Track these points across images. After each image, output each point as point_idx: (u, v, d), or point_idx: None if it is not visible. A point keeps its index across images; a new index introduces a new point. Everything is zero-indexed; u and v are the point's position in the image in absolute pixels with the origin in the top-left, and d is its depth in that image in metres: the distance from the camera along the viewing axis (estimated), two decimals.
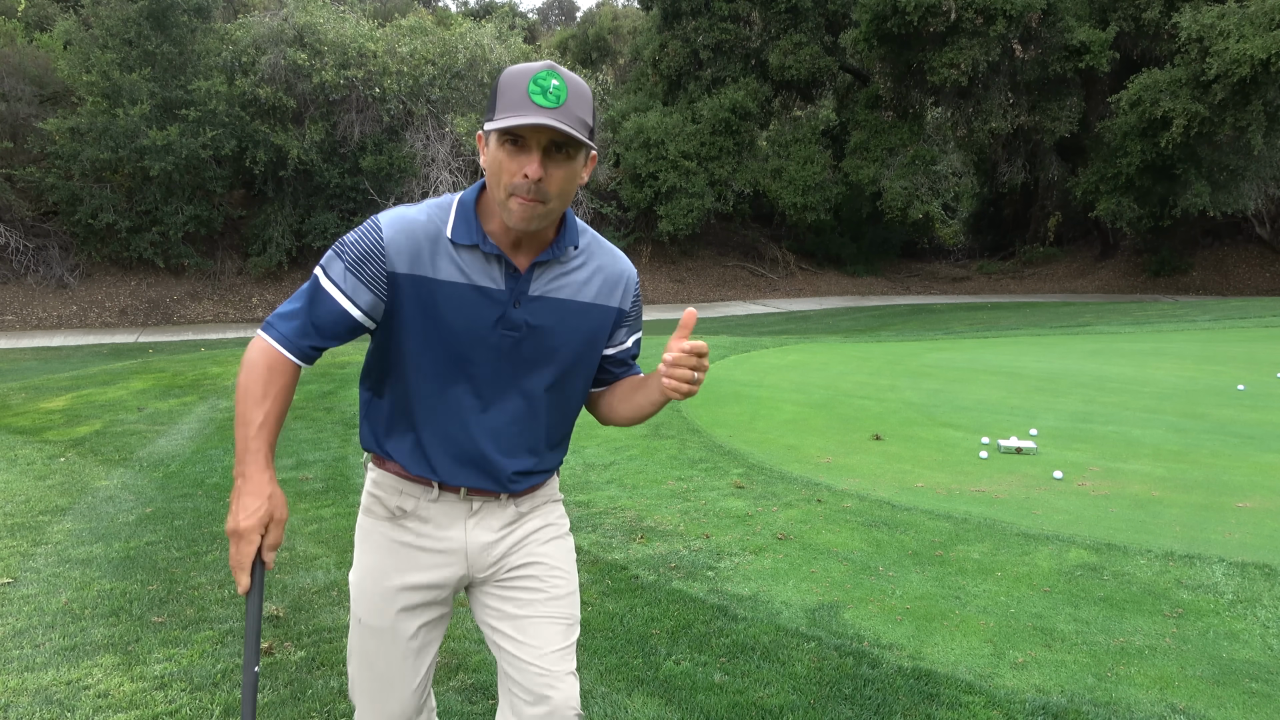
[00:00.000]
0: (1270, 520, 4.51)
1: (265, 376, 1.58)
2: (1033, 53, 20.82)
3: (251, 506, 1.53)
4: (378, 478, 1.76)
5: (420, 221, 1.60)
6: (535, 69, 1.48)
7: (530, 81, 1.46)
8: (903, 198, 21.99)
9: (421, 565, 1.72)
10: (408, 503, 1.73)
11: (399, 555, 1.73)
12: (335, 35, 19.07)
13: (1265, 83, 17.77)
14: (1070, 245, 28.00)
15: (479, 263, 1.60)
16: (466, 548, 1.73)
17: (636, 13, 29.98)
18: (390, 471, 1.73)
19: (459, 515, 1.73)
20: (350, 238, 1.61)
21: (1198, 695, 2.85)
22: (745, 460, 5.77)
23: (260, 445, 1.56)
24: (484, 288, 1.61)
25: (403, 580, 1.72)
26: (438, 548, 1.73)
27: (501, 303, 1.62)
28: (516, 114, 1.45)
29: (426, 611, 1.75)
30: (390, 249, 1.58)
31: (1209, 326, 13.42)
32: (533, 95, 1.46)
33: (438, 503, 1.72)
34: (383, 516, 1.74)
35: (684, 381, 1.51)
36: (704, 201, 22.47)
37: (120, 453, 6.23)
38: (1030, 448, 5.88)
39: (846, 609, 3.53)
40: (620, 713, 2.76)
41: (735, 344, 11.80)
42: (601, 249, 1.73)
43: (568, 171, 1.52)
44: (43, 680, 2.97)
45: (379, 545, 1.74)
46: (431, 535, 1.72)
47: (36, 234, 18.14)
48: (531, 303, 1.63)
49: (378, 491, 1.75)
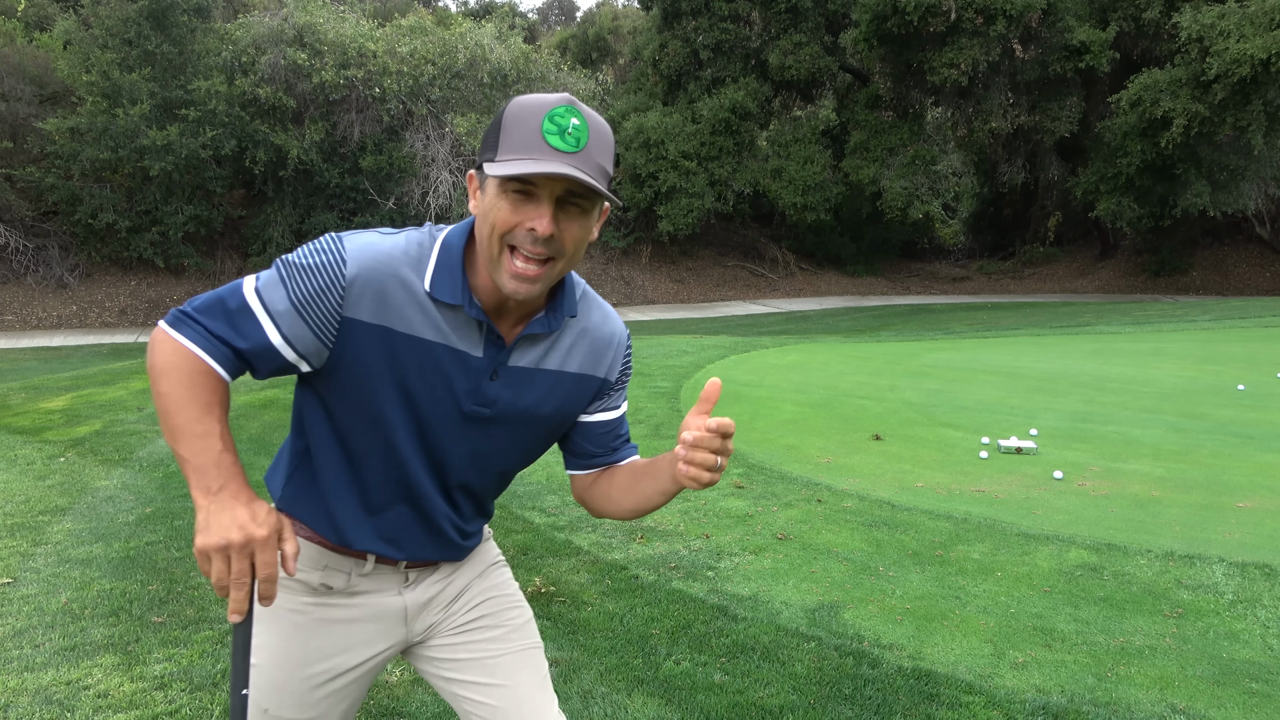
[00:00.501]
0: (1270, 520, 4.51)
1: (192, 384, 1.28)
2: (1033, 53, 20.82)
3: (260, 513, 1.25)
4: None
5: (395, 260, 1.31)
6: (551, 103, 1.23)
7: (545, 119, 1.22)
8: (903, 198, 21.99)
9: (354, 643, 1.49)
10: (335, 579, 1.46)
11: (325, 636, 1.47)
12: (335, 35, 19.07)
13: (1265, 83, 17.77)
14: (1070, 245, 28.00)
15: (459, 323, 1.34)
16: (405, 611, 1.52)
17: (636, 13, 29.99)
18: (313, 541, 1.45)
19: (394, 583, 1.51)
20: (303, 262, 1.29)
21: (1198, 695, 2.85)
22: (745, 460, 5.76)
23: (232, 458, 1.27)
24: (461, 352, 1.35)
25: (329, 665, 1.47)
26: (372, 617, 1.49)
27: (477, 373, 1.37)
28: (528, 156, 1.20)
29: (358, 686, 1.52)
30: (353, 290, 1.28)
31: (1209, 326, 13.42)
32: (548, 136, 1.21)
33: (368, 576, 1.48)
34: (299, 592, 1.46)
35: (706, 469, 1.22)
36: (704, 201, 22.47)
37: (120, 453, 6.23)
38: (1030, 448, 5.88)
39: (846, 609, 3.53)
40: (620, 713, 2.76)
41: (735, 344, 11.80)
42: (590, 306, 1.48)
43: (581, 226, 1.28)
44: (43, 680, 2.97)
45: (296, 627, 1.46)
46: (364, 605, 1.49)
47: (36, 234, 18.14)
48: (510, 374, 1.39)
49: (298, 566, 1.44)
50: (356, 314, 1.30)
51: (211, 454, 1.26)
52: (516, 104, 1.25)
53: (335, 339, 1.31)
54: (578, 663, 3.07)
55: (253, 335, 1.30)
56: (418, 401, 1.36)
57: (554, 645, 3.21)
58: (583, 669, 3.03)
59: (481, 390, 1.37)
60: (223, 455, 1.26)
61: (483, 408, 1.38)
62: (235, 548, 1.21)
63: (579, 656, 3.12)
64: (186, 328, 1.30)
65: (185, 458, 1.26)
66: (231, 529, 1.21)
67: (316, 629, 1.46)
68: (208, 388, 1.29)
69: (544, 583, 3.76)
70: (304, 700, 1.46)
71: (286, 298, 1.28)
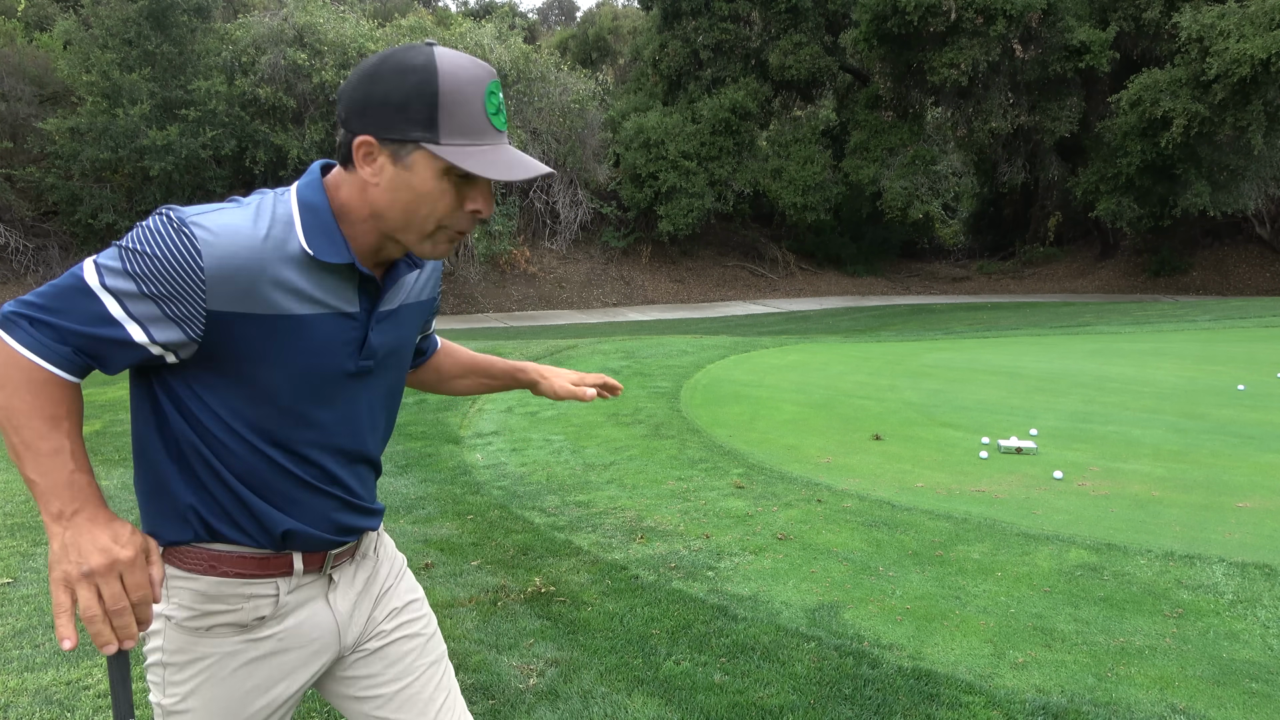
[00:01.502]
0: (1270, 520, 4.51)
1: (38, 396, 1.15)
2: (1033, 53, 20.83)
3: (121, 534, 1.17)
4: (207, 591, 1.30)
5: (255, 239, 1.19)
6: (482, 74, 1.20)
7: (487, 96, 1.20)
8: (903, 198, 22.00)
9: (291, 669, 1.38)
10: (263, 606, 1.33)
11: (261, 672, 1.35)
12: (335, 35, 19.07)
13: (1265, 83, 17.78)
14: (1070, 245, 28.01)
15: (334, 282, 1.26)
16: (337, 623, 1.43)
17: (636, 13, 30.00)
18: (228, 573, 1.30)
19: (317, 594, 1.40)
20: (150, 251, 1.15)
21: (1198, 695, 2.85)
22: (745, 460, 5.76)
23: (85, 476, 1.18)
24: (340, 314, 1.28)
25: (267, 699, 1.36)
26: (306, 639, 1.39)
27: (358, 328, 1.31)
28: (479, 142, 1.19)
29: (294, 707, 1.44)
30: (213, 284, 1.16)
31: (1209, 326, 13.42)
32: (493, 119, 1.21)
33: (295, 591, 1.37)
34: (226, 634, 1.32)
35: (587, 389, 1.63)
36: (704, 201, 22.48)
37: (120, 453, 6.23)
38: (1030, 448, 5.88)
39: (846, 609, 3.53)
40: (620, 713, 2.76)
41: (735, 344, 11.80)
42: None
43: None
44: (43, 680, 2.97)
45: (231, 672, 1.33)
46: (296, 627, 1.38)
47: (36, 234, 18.14)
48: (384, 319, 1.36)
49: (212, 607, 1.30)
50: (221, 305, 1.18)
51: (62, 474, 1.16)
52: (450, 76, 1.17)
53: (203, 332, 1.19)
54: (578, 663, 3.07)
55: (103, 329, 1.16)
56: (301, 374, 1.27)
57: (554, 645, 3.21)
58: (583, 669, 3.03)
59: (369, 344, 1.33)
60: (74, 475, 1.17)
61: (367, 360, 1.34)
62: (100, 573, 1.14)
63: (579, 656, 3.12)
64: (20, 330, 1.15)
65: (33, 480, 1.15)
66: (92, 554, 1.14)
67: (252, 668, 1.34)
68: (52, 398, 1.16)
69: (544, 583, 3.76)
70: None
71: (139, 290, 1.15)
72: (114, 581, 1.15)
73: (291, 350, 1.25)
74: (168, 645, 1.31)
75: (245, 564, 1.31)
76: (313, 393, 1.29)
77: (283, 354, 1.24)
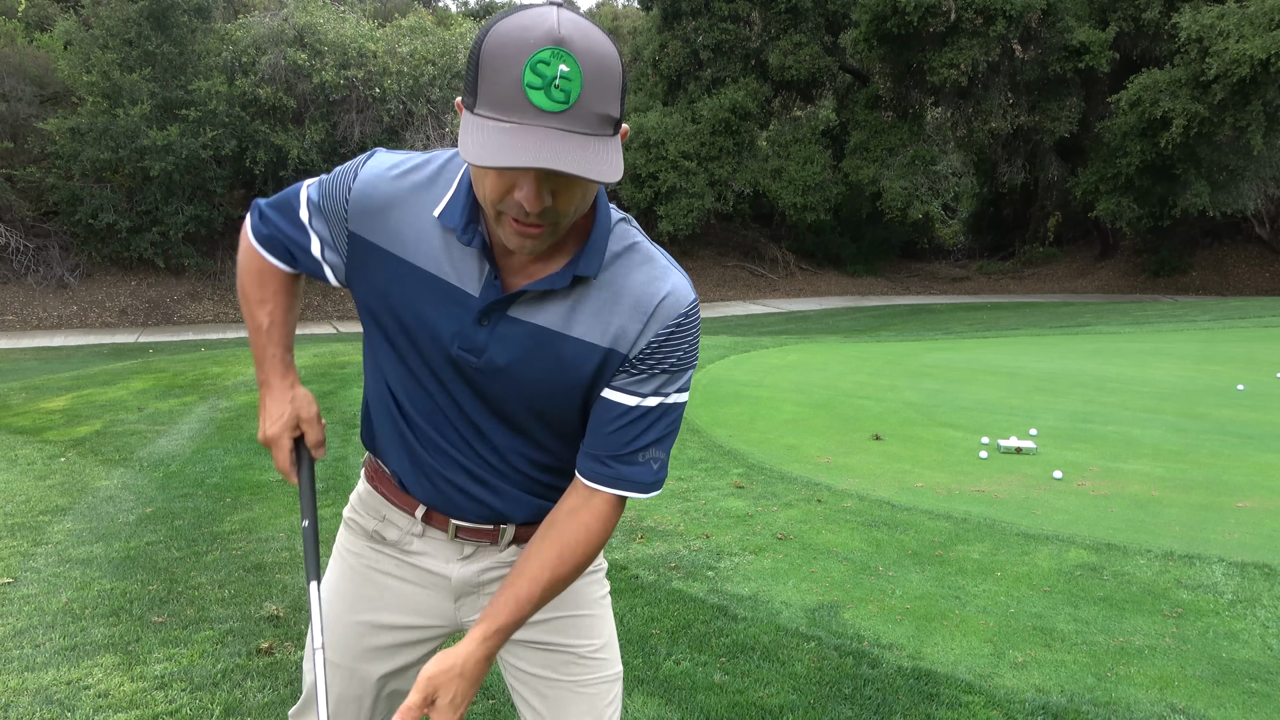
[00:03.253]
0: (1270, 520, 4.51)
1: (257, 277, 1.42)
2: (1032, 53, 20.83)
3: (275, 413, 1.44)
4: (363, 493, 1.49)
5: (406, 182, 1.24)
6: (535, 39, 0.99)
7: (527, 68, 0.99)
8: (903, 198, 22.00)
9: (399, 604, 1.45)
10: (389, 531, 1.45)
11: (373, 587, 1.46)
12: (335, 35, 19.06)
13: (1265, 83, 17.78)
14: (1070, 245, 28.00)
15: (463, 257, 1.21)
16: (452, 585, 1.44)
17: (636, 13, 29.99)
18: (378, 490, 1.45)
19: (448, 553, 1.43)
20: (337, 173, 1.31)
21: (1197, 695, 2.85)
22: (745, 460, 5.76)
23: (276, 349, 1.44)
24: (455, 288, 1.22)
25: (372, 617, 1.45)
26: (419, 582, 1.45)
27: (468, 313, 1.22)
28: (506, 118, 1.01)
29: (399, 655, 1.47)
30: (355, 202, 1.25)
31: (1208, 326, 13.42)
32: (530, 91, 1.00)
33: (423, 538, 1.43)
34: (359, 535, 1.49)
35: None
36: (704, 201, 22.48)
37: (120, 453, 6.23)
38: (1030, 448, 5.89)
39: (846, 609, 3.54)
40: (620, 713, 2.76)
41: (735, 344, 11.80)
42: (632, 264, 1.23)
43: (584, 185, 1.08)
44: (43, 680, 2.97)
45: (351, 570, 1.48)
46: (413, 567, 1.45)
47: (37, 234, 18.14)
48: (503, 323, 1.22)
49: (359, 507, 1.49)
50: (359, 229, 1.26)
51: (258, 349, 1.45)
52: (496, 37, 1.02)
53: (348, 253, 1.30)
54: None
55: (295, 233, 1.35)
56: (413, 334, 1.26)
57: None
58: None
59: (467, 334, 1.22)
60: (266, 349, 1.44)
61: (469, 354, 1.23)
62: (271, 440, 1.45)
63: None
64: (253, 218, 1.41)
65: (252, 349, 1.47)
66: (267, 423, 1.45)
67: (367, 576, 1.47)
68: (264, 284, 1.42)
69: None
70: (346, 644, 1.46)
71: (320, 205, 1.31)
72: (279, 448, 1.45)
73: (405, 300, 1.25)
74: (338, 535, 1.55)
75: (388, 486, 1.44)
76: (430, 356, 1.27)
77: (398, 300, 1.26)
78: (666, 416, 1.26)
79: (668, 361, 1.23)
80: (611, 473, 1.26)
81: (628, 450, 1.25)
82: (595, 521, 1.27)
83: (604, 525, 1.27)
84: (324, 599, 1.46)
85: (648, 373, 1.23)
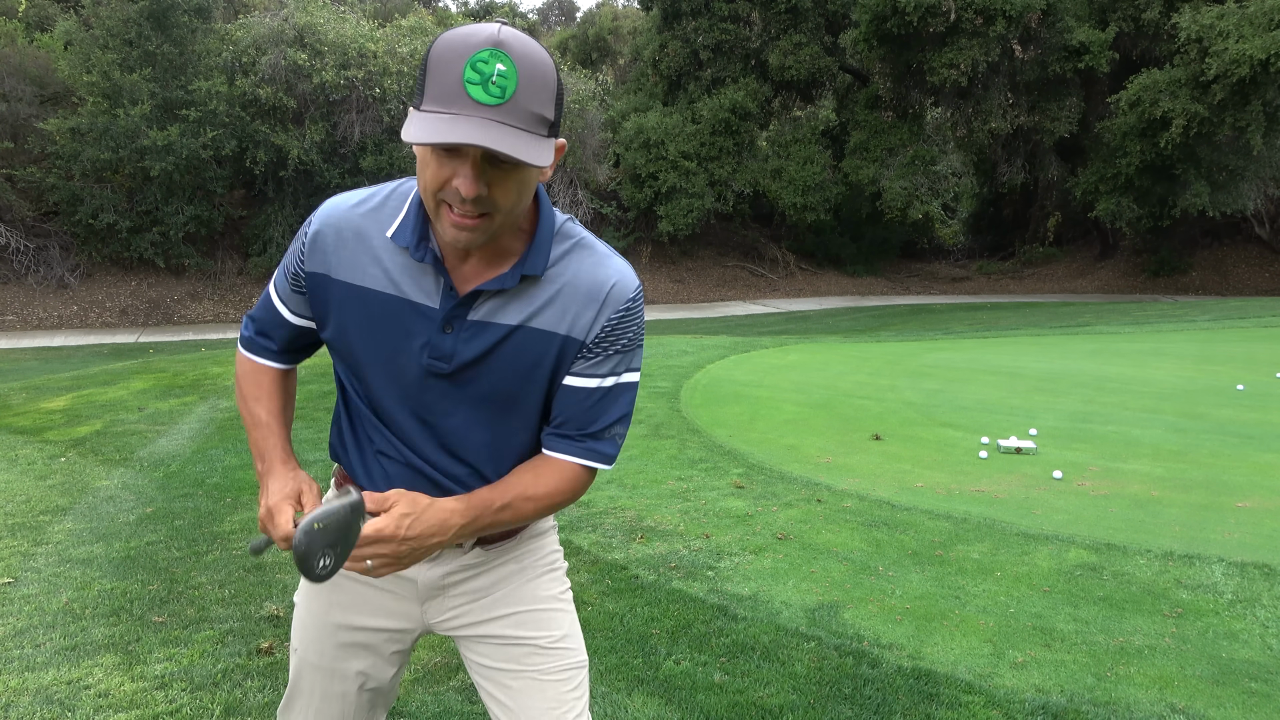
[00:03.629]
0: (1270, 520, 4.51)
1: (251, 379, 1.48)
2: (1032, 53, 20.83)
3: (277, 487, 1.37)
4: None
5: (357, 212, 1.32)
6: (475, 44, 1.10)
7: (467, 66, 1.10)
8: (902, 198, 22.00)
9: (369, 606, 1.51)
10: None
11: (344, 591, 1.51)
12: (335, 35, 19.07)
13: (1264, 83, 17.78)
14: (1070, 245, 28.01)
15: (417, 273, 1.30)
16: (418, 588, 1.49)
17: (636, 13, 29.99)
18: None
19: None
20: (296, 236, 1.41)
21: (1197, 695, 2.86)
22: (745, 460, 5.77)
23: (276, 440, 1.44)
24: (415, 304, 1.30)
25: (344, 619, 1.51)
26: (386, 584, 1.49)
27: (431, 324, 1.30)
28: (446, 110, 1.11)
29: (372, 653, 1.53)
30: (312, 245, 1.34)
31: (1208, 326, 13.43)
32: (469, 86, 1.10)
33: None
34: None
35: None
36: (704, 201, 22.48)
37: (121, 453, 6.23)
38: (1030, 448, 5.89)
39: (846, 609, 3.54)
40: (620, 713, 2.76)
41: (735, 344, 11.80)
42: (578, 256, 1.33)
43: (516, 180, 1.17)
44: (43, 680, 2.97)
45: None
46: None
47: (37, 234, 18.14)
48: (467, 327, 1.31)
49: None
50: (313, 266, 1.34)
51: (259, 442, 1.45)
52: (442, 43, 1.13)
53: (309, 295, 1.37)
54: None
55: (268, 307, 1.44)
56: (383, 356, 1.34)
57: None
58: None
59: (435, 343, 1.31)
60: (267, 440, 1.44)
61: (439, 361, 1.32)
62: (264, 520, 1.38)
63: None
64: (241, 334, 1.50)
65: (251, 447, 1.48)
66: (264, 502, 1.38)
67: (337, 583, 1.49)
68: (259, 383, 1.48)
69: None
70: (321, 647, 1.52)
71: (281, 268, 1.41)
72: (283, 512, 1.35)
73: (367, 324, 1.33)
74: None
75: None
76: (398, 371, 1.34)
77: (360, 326, 1.34)
78: (625, 395, 1.40)
79: (620, 342, 1.35)
80: (584, 446, 1.40)
81: (597, 428, 1.39)
82: (564, 483, 1.40)
83: (571, 488, 1.41)
84: (301, 604, 1.56)
85: (603, 355, 1.35)
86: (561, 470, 1.40)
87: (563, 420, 1.39)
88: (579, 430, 1.39)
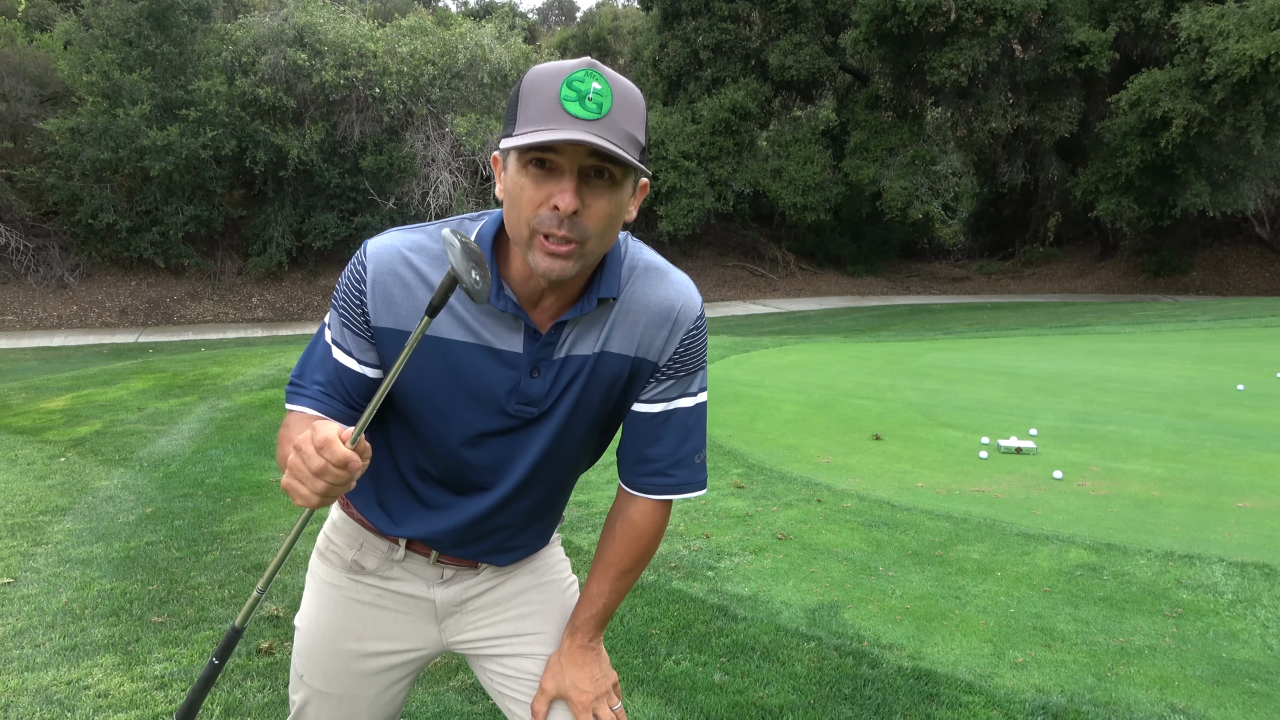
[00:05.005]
0: (1270, 520, 4.51)
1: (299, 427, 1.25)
2: (1033, 53, 20.83)
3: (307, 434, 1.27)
4: (338, 520, 1.49)
5: (409, 256, 1.26)
6: (570, 68, 1.12)
7: (564, 85, 1.11)
8: (903, 198, 22.00)
9: (384, 631, 1.48)
10: (369, 558, 1.46)
11: (356, 617, 1.47)
12: (335, 35, 19.06)
13: (1265, 83, 17.79)
14: (1070, 245, 28.00)
15: (493, 318, 1.26)
16: (435, 608, 1.48)
17: (636, 13, 30.00)
18: (354, 518, 1.47)
19: (430, 577, 1.48)
20: (341, 281, 1.30)
21: (1198, 695, 2.85)
22: (745, 460, 5.76)
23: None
24: (497, 350, 1.27)
25: (358, 646, 1.47)
26: (402, 608, 1.48)
27: (517, 370, 1.28)
28: (545, 127, 1.09)
29: (387, 675, 1.51)
30: (371, 296, 1.25)
31: (1209, 326, 13.42)
32: (566, 103, 1.10)
33: (403, 563, 1.46)
34: (337, 565, 1.49)
35: None
36: (704, 201, 22.48)
37: (120, 453, 6.23)
38: (1030, 448, 5.89)
39: (846, 609, 3.54)
40: None
41: (735, 344, 11.80)
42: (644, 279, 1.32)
43: (612, 202, 1.16)
44: (43, 680, 2.97)
45: (333, 602, 1.48)
46: (395, 593, 1.47)
47: (37, 234, 18.14)
48: (552, 367, 1.29)
49: (335, 537, 1.49)
50: (379, 321, 1.26)
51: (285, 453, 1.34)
52: (534, 73, 1.14)
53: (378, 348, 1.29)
54: None
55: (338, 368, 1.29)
56: (459, 406, 1.29)
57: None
58: None
59: (523, 389, 1.29)
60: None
61: (528, 407, 1.30)
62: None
63: None
64: (297, 396, 1.31)
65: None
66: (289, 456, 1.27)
67: (349, 608, 1.47)
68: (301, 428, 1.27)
69: None
70: (332, 674, 1.48)
71: (340, 322, 1.28)
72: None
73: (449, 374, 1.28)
74: (312, 566, 1.53)
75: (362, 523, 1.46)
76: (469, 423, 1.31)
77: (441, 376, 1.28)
78: (698, 414, 1.39)
79: (692, 362, 1.35)
80: (674, 481, 1.39)
81: (683, 455, 1.38)
82: (653, 527, 1.42)
83: (662, 528, 1.43)
84: (306, 631, 1.50)
85: (674, 377, 1.35)
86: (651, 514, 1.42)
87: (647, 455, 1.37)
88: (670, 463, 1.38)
